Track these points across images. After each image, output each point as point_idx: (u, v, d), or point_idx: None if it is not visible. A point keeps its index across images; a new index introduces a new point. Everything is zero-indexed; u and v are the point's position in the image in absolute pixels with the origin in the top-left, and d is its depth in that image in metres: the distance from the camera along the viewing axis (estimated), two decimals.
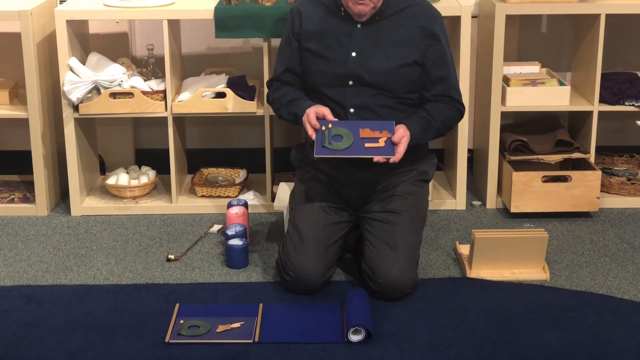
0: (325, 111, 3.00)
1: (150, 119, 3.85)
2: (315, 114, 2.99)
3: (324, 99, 3.12)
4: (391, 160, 2.92)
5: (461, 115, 3.17)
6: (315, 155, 2.81)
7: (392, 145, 2.84)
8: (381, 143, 2.84)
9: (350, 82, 3.07)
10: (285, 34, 3.20)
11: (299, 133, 3.98)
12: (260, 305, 2.99)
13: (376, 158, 2.89)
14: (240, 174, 4.07)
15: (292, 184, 3.46)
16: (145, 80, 3.76)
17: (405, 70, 3.06)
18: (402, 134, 2.94)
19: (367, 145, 2.81)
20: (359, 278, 3.15)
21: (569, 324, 2.90)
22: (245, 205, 3.56)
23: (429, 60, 3.07)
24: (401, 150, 2.93)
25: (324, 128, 2.85)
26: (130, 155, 4.28)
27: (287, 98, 3.15)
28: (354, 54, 3.06)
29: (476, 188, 4.05)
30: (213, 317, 2.92)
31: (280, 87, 3.21)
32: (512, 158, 3.77)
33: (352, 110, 3.08)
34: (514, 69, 3.90)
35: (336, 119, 2.97)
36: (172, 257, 3.38)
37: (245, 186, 4.00)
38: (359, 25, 3.06)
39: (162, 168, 3.98)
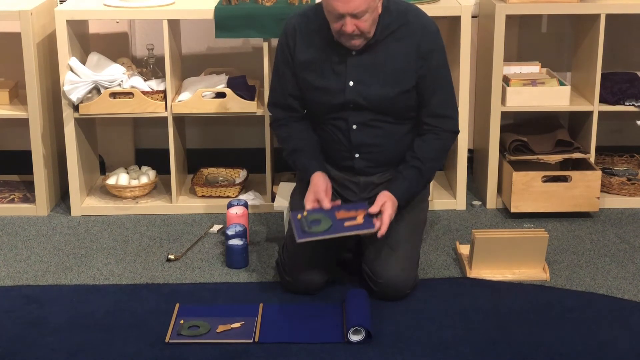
0: (320, 193, 2.96)
1: (150, 119, 3.85)
2: (312, 202, 2.96)
3: (326, 121, 3.09)
4: (379, 235, 2.91)
5: (454, 139, 3.12)
6: (297, 240, 2.81)
7: (370, 218, 2.84)
8: (359, 220, 2.85)
9: (351, 105, 3.03)
10: (278, 57, 3.11)
11: None
12: (260, 305, 2.99)
13: (362, 233, 2.88)
14: (240, 174, 4.07)
15: (292, 184, 3.46)
16: (145, 80, 3.76)
17: (404, 95, 3.01)
18: (380, 203, 2.93)
19: (346, 224, 2.83)
20: (359, 278, 3.15)
21: (569, 324, 2.90)
22: (245, 205, 3.56)
23: (422, 78, 2.99)
24: (386, 219, 2.90)
25: (299, 216, 2.87)
26: (130, 155, 4.28)
27: (291, 146, 3.11)
28: (351, 83, 2.99)
29: (476, 188, 4.06)
30: (213, 317, 2.92)
31: (286, 124, 3.14)
32: (512, 158, 3.78)
33: (354, 127, 3.05)
34: (514, 69, 3.90)
35: (326, 206, 2.93)
36: (172, 257, 3.38)
37: (245, 186, 4.00)
38: (353, 53, 2.97)
39: (162, 168, 3.98)
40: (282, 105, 3.14)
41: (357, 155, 3.09)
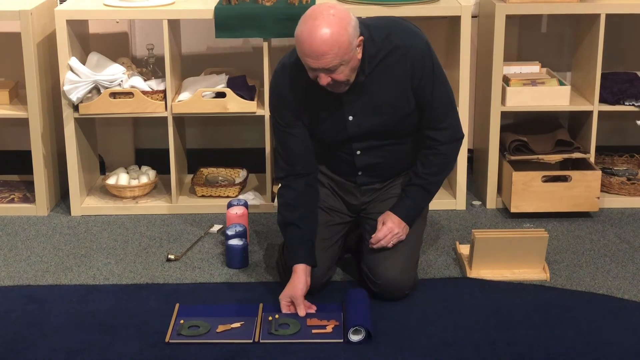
0: (296, 298, 2.91)
1: (150, 118, 3.85)
2: (286, 302, 2.93)
3: (330, 151, 3.08)
4: (371, 243, 3.00)
5: (456, 150, 3.06)
6: (260, 340, 2.81)
7: (340, 329, 2.83)
8: (328, 330, 2.84)
9: (354, 137, 3.01)
10: (274, 116, 3.02)
11: None
12: (260, 305, 2.98)
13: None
14: (240, 174, 4.07)
15: None
16: (145, 80, 3.76)
17: (406, 118, 2.97)
18: (380, 221, 3.01)
19: (314, 331, 2.83)
20: (359, 278, 3.15)
21: (569, 324, 2.90)
22: (245, 205, 3.56)
23: (420, 97, 2.94)
24: (403, 234, 3.02)
25: (270, 318, 2.88)
26: (130, 155, 4.28)
27: (288, 217, 3.02)
28: (350, 118, 2.95)
29: (476, 188, 4.06)
30: (213, 317, 2.92)
31: (283, 187, 3.08)
32: (512, 158, 3.78)
33: (358, 152, 3.04)
34: (514, 69, 3.90)
35: (300, 313, 2.91)
36: (172, 257, 3.38)
37: (245, 186, 4.00)
38: (348, 89, 2.89)
39: (162, 168, 3.98)
40: (286, 159, 3.03)
41: (360, 173, 3.10)
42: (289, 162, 3.03)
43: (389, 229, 3.01)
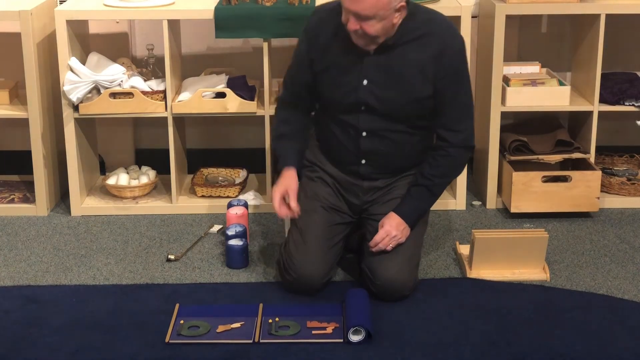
0: (291, 191, 3.02)
1: (150, 119, 3.85)
2: (280, 195, 3.02)
3: (337, 122, 3.09)
4: (371, 246, 3.01)
5: (465, 157, 3.07)
6: (260, 340, 2.81)
7: (340, 331, 2.84)
8: (328, 330, 2.84)
9: (363, 108, 3.01)
10: (300, 46, 3.09)
11: None
12: (260, 305, 2.99)
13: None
14: (240, 174, 4.07)
15: None
16: (145, 80, 3.76)
17: (417, 104, 2.98)
18: (389, 232, 3.01)
19: (314, 332, 2.83)
20: (359, 278, 3.16)
21: (569, 324, 2.90)
22: (245, 205, 3.56)
23: (441, 94, 2.96)
24: (403, 236, 3.03)
25: (270, 320, 2.88)
26: (130, 155, 4.28)
27: (281, 130, 3.16)
28: (365, 82, 2.97)
29: (476, 188, 4.06)
30: (213, 317, 2.92)
31: (288, 108, 3.18)
32: (512, 158, 3.78)
33: (364, 134, 3.04)
34: (514, 69, 3.91)
35: (293, 205, 2.97)
36: (172, 257, 3.38)
37: (245, 186, 4.00)
38: (372, 53, 2.94)
39: (162, 168, 3.98)
40: (292, 91, 3.16)
41: (363, 162, 3.10)
42: (294, 94, 3.15)
43: (386, 231, 3.01)
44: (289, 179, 3.06)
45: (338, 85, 3.01)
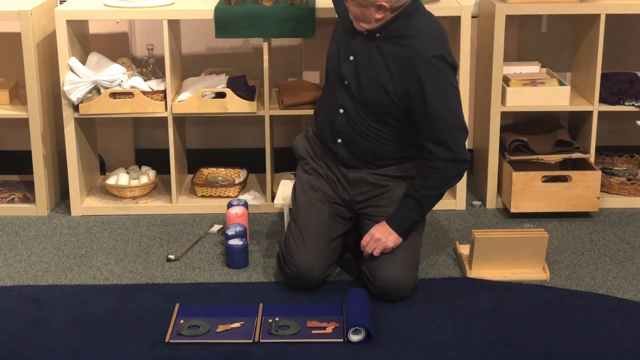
0: None
1: (150, 119, 3.85)
2: None
3: (327, 93, 3.20)
4: (363, 247, 3.06)
5: (456, 172, 3.04)
6: (260, 339, 2.81)
7: (340, 331, 2.84)
8: (328, 331, 2.85)
9: (345, 82, 3.09)
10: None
11: (300, 132, 3.98)
12: (260, 305, 2.99)
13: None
14: (240, 174, 4.07)
15: (292, 181, 3.46)
16: (145, 80, 3.76)
17: (384, 95, 3.02)
18: (378, 238, 3.03)
19: (314, 332, 2.84)
20: (359, 278, 3.16)
21: (569, 324, 2.90)
22: (245, 205, 3.56)
23: (412, 101, 2.99)
24: (390, 242, 3.04)
25: (270, 320, 2.89)
26: (130, 155, 4.28)
27: None
28: (351, 57, 3.06)
29: (476, 188, 4.06)
30: (213, 317, 2.92)
31: None
32: (512, 158, 3.78)
33: (341, 110, 3.11)
34: (514, 69, 3.91)
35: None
36: (172, 257, 3.39)
37: (245, 186, 4.00)
38: (365, 33, 3.02)
39: (162, 168, 3.99)
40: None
41: (339, 141, 3.15)
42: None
43: (371, 234, 3.05)
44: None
45: (332, 55, 3.16)
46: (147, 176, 3.96)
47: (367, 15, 2.94)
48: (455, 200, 3.86)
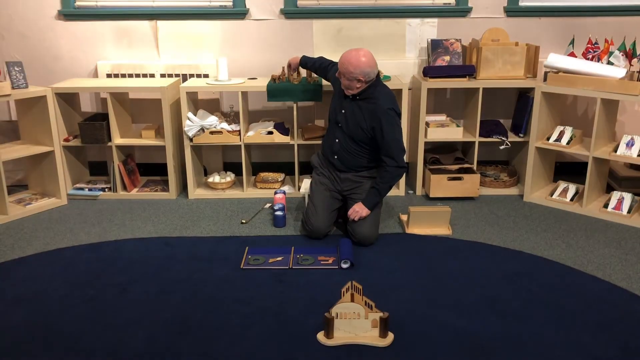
0: (292, 61, 3.40)
1: (232, 146, 3.86)
2: (289, 62, 3.42)
3: (329, 129, 3.13)
4: (351, 215, 2.98)
5: (398, 173, 2.95)
6: (291, 266, 2.78)
7: (336, 261, 2.80)
8: (330, 261, 2.83)
9: (339, 124, 3.06)
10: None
11: (313, 153, 3.98)
12: (292, 247, 3.00)
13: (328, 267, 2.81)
14: (281, 176, 4.07)
15: (309, 180, 3.45)
16: (229, 124, 3.77)
17: (362, 132, 3.00)
18: (357, 211, 2.98)
19: (322, 262, 2.81)
20: (346, 233, 3.16)
21: (462, 258, 2.90)
22: (284, 192, 3.56)
23: (376, 133, 2.97)
24: (364, 213, 2.97)
25: (298, 256, 2.84)
26: (220, 165, 4.28)
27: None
28: (343, 111, 3.04)
29: (411, 183, 4.04)
30: (266, 254, 2.93)
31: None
32: (431, 167, 3.77)
33: (337, 140, 3.07)
34: (431, 118, 3.90)
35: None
36: (244, 221, 3.39)
37: (284, 182, 4.00)
38: (350, 97, 3.00)
39: (238, 172, 3.99)
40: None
41: (335, 157, 3.11)
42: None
43: (353, 209, 3.02)
44: (295, 57, 3.37)
45: (331, 110, 3.10)
46: (230, 177, 3.97)
47: (352, 85, 2.91)
48: (398, 190, 3.86)
